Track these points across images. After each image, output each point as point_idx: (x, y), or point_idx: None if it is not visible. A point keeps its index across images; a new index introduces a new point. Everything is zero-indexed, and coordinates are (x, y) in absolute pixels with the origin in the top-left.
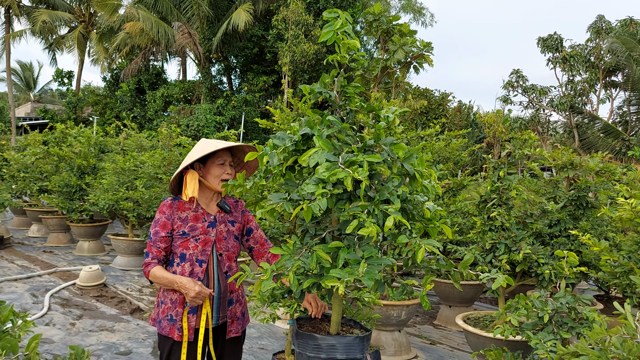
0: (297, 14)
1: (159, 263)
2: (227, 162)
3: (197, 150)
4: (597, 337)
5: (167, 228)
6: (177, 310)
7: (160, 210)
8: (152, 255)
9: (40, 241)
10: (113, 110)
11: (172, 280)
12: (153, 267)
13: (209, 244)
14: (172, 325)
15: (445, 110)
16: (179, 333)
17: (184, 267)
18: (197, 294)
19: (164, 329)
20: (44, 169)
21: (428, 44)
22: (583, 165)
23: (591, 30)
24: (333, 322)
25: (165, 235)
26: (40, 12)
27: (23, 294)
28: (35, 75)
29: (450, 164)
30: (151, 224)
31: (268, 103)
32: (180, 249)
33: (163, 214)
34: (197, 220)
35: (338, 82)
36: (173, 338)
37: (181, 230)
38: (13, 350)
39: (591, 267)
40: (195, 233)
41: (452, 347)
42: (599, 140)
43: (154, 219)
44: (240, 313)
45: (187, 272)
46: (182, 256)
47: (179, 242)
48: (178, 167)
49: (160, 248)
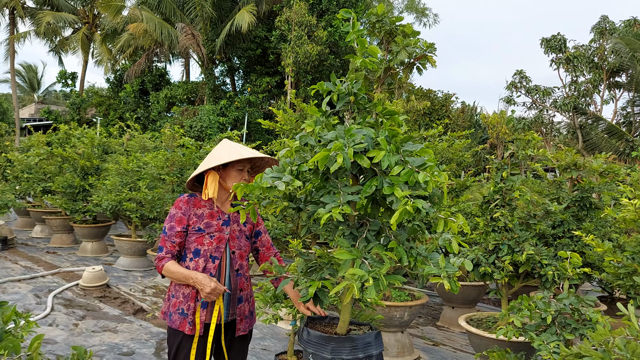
0: (300, 15)
1: (172, 258)
2: (245, 169)
3: (223, 154)
4: (600, 338)
5: (182, 223)
6: (189, 304)
7: (177, 206)
8: (166, 249)
9: (43, 242)
10: (116, 111)
11: (187, 276)
12: (167, 261)
13: (223, 241)
14: (184, 319)
15: (448, 111)
16: (190, 327)
17: (198, 262)
18: (213, 290)
19: (175, 322)
20: (48, 169)
21: (431, 44)
22: (587, 166)
23: (595, 31)
24: (343, 322)
25: (180, 230)
26: (44, 13)
27: (26, 294)
28: (39, 76)
29: (454, 164)
30: (166, 219)
31: (271, 104)
32: (195, 244)
33: (179, 209)
34: (212, 218)
35: (355, 84)
36: (184, 332)
37: (197, 226)
38: (15, 350)
39: (595, 268)
40: (210, 230)
41: (455, 349)
42: (602, 141)
43: (169, 213)
44: (248, 312)
45: (201, 268)
46: (196, 252)
47: (194, 238)
48: (182, 167)
49: (174, 243)
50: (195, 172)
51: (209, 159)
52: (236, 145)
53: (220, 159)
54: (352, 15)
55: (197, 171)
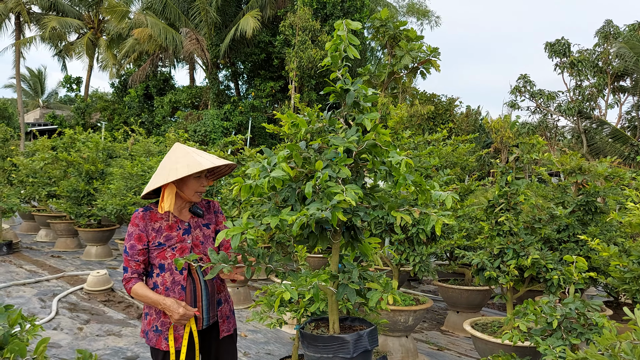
0: (304, 20)
1: (139, 277)
2: (202, 175)
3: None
4: (606, 342)
5: (142, 240)
6: (162, 321)
7: (133, 223)
8: (131, 270)
9: (48, 246)
10: (121, 116)
11: (156, 301)
12: (134, 283)
13: (186, 251)
14: (159, 336)
15: (452, 116)
16: (166, 342)
17: (164, 277)
18: (181, 316)
19: (151, 340)
20: (53, 174)
21: (435, 49)
22: (592, 170)
23: (599, 35)
24: (331, 322)
25: (142, 248)
26: (49, 18)
27: (31, 298)
28: (44, 81)
29: (458, 168)
30: (125, 238)
31: (275, 108)
32: (158, 259)
33: (137, 227)
34: (171, 230)
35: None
36: (160, 349)
37: (156, 241)
38: (21, 353)
39: (600, 272)
40: (171, 242)
41: (460, 353)
42: (607, 145)
43: (127, 232)
44: (229, 311)
45: (169, 282)
46: (161, 266)
47: (156, 253)
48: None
49: (138, 261)
50: (149, 186)
51: (164, 170)
52: (191, 152)
53: (177, 172)
54: (346, 24)
55: (153, 186)
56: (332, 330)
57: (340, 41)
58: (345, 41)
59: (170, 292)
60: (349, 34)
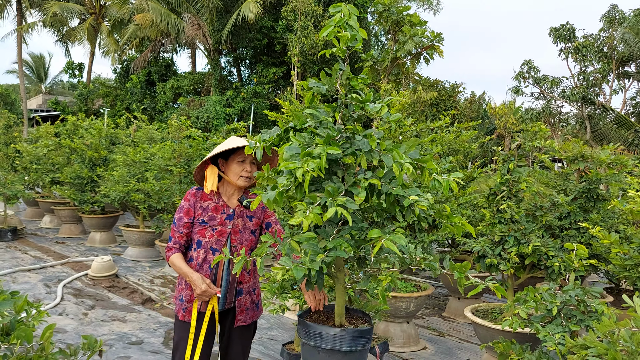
0: (306, 4)
1: (180, 249)
2: (247, 160)
3: (219, 146)
4: (605, 329)
5: (189, 215)
6: (187, 293)
7: (186, 198)
8: (174, 240)
9: (52, 232)
10: (123, 102)
11: (185, 273)
12: (174, 253)
13: (224, 234)
14: (180, 305)
15: (455, 102)
16: (184, 313)
17: (199, 253)
18: (203, 292)
19: (176, 307)
20: (56, 160)
21: (438, 34)
22: (594, 158)
23: (604, 20)
24: (336, 315)
25: (187, 222)
26: (51, 4)
27: (36, 284)
28: (46, 67)
29: (460, 156)
30: (176, 210)
31: (277, 95)
32: (197, 235)
33: (187, 202)
34: (216, 211)
35: (344, 75)
36: (179, 316)
37: (201, 218)
38: (28, 339)
39: (601, 259)
40: (213, 223)
41: (461, 339)
42: (611, 131)
43: (179, 205)
44: (250, 303)
45: (201, 258)
46: (198, 242)
47: (197, 229)
48: (189, 159)
49: (182, 233)
50: (196, 166)
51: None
52: (238, 139)
53: (214, 151)
54: (343, 7)
55: (197, 165)
56: (339, 322)
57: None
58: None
59: (199, 269)
60: (349, 18)
